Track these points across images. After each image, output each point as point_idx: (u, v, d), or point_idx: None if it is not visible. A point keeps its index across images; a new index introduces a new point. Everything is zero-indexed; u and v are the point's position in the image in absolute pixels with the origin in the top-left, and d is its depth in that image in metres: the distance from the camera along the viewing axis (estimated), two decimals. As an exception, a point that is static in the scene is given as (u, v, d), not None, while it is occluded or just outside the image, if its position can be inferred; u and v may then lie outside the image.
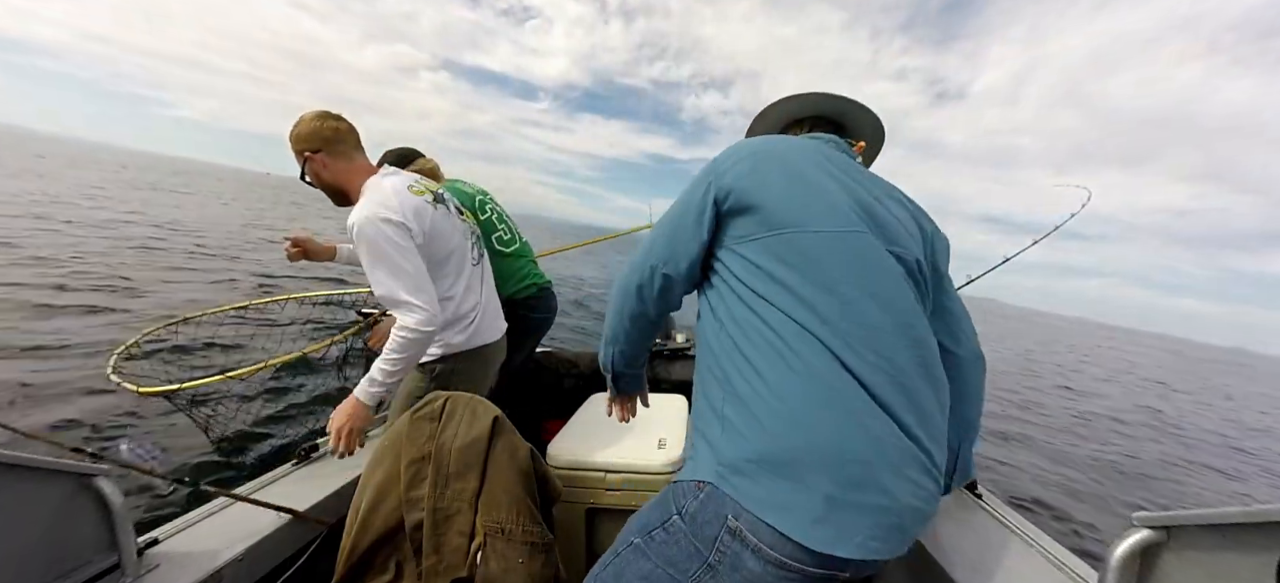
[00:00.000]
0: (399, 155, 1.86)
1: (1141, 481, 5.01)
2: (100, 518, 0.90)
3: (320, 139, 1.32)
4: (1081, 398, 9.39)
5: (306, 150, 1.34)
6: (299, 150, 1.35)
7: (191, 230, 10.79)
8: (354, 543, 1.02)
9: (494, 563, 0.96)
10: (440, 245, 1.37)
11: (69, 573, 0.86)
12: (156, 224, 10.91)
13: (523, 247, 2.06)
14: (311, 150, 1.33)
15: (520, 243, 2.05)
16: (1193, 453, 6.76)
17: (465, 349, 1.48)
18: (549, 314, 2.08)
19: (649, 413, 1.76)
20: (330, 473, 1.43)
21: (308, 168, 1.36)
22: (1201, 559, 0.71)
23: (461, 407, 1.12)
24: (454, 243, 1.42)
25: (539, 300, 2.02)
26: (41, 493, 0.81)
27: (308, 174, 1.36)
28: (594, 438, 1.52)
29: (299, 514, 1.20)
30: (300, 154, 1.35)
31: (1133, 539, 0.76)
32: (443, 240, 1.38)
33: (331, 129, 1.33)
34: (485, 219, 1.93)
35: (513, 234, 2.02)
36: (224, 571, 1.02)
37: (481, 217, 1.92)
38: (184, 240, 9.36)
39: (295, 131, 1.34)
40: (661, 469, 1.36)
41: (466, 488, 1.02)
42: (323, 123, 1.33)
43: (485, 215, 1.94)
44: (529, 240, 2.15)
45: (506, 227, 2.01)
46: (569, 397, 2.09)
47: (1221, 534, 0.68)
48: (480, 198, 1.95)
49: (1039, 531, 1.18)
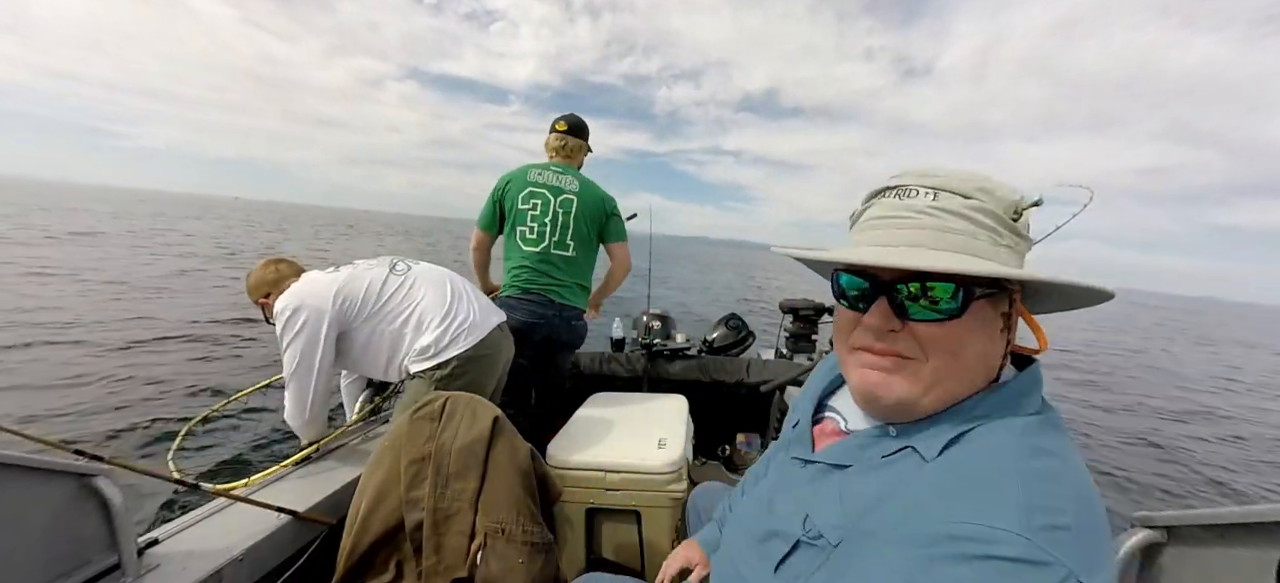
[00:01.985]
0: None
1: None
2: (100, 518, 0.91)
3: (268, 285, 1.57)
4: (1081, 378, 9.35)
5: (258, 298, 1.59)
6: (254, 299, 1.60)
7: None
8: (354, 543, 1.02)
9: (494, 563, 0.96)
10: (356, 286, 1.52)
11: (70, 573, 0.86)
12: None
13: (544, 252, 1.93)
14: (263, 296, 1.58)
15: (544, 244, 1.93)
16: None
17: (458, 353, 1.50)
18: (531, 320, 1.91)
19: (649, 413, 1.76)
20: (330, 473, 1.43)
21: (265, 312, 1.57)
22: (1201, 559, 0.71)
23: (461, 407, 1.12)
24: (368, 281, 1.53)
25: (517, 304, 1.91)
26: (42, 493, 0.81)
27: (267, 316, 1.56)
28: (594, 438, 1.51)
29: (299, 514, 1.20)
30: (256, 302, 1.60)
31: (1133, 539, 0.77)
32: (357, 282, 1.52)
33: (273, 273, 1.58)
34: (523, 210, 1.92)
35: (540, 235, 1.93)
36: (224, 571, 1.02)
37: (521, 206, 1.92)
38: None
39: (248, 284, 1.60)
40: (661, 469, 1.36)
41: (466, 488, 1.02)
42: (266, 269, 1.60)
43: (526, 206, 1.92)
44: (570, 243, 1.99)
45: (537, 225, 1.93)
46: (569, 397, 2.09)
47: (1221, 534, 0.68)
48: (535, 191, 1.93)
49: None
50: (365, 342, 1.52)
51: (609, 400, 1.85)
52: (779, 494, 0.62)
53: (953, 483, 0.44)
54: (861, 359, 0.53)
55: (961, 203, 0.49)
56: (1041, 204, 0.50)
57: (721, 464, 2.39)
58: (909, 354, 0.50)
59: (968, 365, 0.50)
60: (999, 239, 0.49)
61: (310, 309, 1.43)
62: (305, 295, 1.45)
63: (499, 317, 1.68)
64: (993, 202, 0.49)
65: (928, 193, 0.50)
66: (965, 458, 0.46)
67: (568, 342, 2.07)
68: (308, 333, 1.42)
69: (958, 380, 0.50)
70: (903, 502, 0.46)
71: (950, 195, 0.49)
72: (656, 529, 1.39)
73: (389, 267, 1.60)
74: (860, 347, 0.53)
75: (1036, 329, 0.55)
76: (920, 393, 0.50)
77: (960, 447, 0.47)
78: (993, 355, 0.51)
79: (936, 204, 0.49)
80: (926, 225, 0.50)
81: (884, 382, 0.51)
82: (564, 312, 1.97)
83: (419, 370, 1.50)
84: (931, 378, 0.49)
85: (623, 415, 1.70)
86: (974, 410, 0.49)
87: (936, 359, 0.49)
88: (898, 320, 0.50)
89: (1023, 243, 0.52)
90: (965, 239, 0.49)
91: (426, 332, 1.50)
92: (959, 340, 0.49)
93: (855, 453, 0.55)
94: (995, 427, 0.48)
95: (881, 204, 0.53)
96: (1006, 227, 0.50)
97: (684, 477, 1.40)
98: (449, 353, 1.49)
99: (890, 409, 0.52)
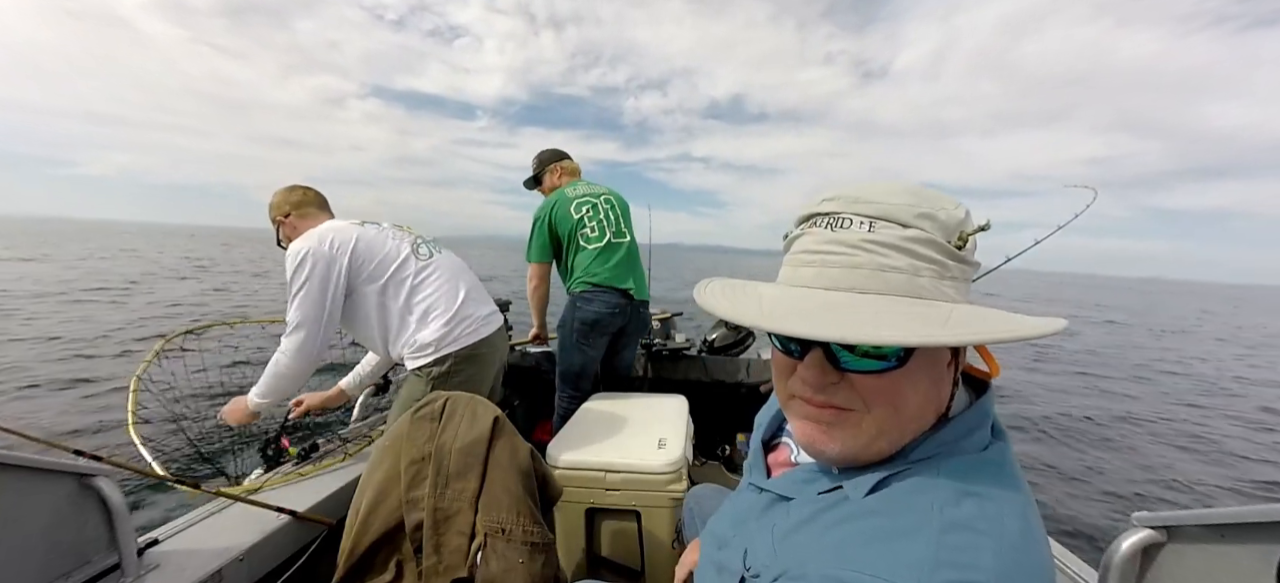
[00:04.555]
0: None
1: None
2: (100, 518, 0.91)
3: (290, 205, 1.56)
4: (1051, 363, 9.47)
5: (278, 217, 1.58)
6: (273, 219, 1.59)
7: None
8: (354, 543, 1.02)
9: (494, 563, 0.96)
10: (375, 250, 1.49)
11: (69, 573, 0.86)
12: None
13: (608, 245, 2.12)
14: (282, 216, 1.56)
15: (606, 240, 2.12)
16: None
17: (455, 350, 1.50)
18: (608, 312, 2.08)
19: (649, 413, 1.76)
20: (330, 473, 1.43)
21: (281, 232, 1.58)
22: (1201, 559, 0.71)
23: (462, 407, 1.12)
24: (387, 246, 1.52)
25: (593, 296, 2.07)
26: (42, 493, 0.81)
27: (282, 238, 1.56)
28: (594, 438, 1.51)
29: (299, 514, 1.20)
30: (274, 222, 1.59)
31: (1133, 539, 0.77)
32: (377, 245, 1.50)
33: (299, 195, 1.59)
34: (578, 218, 2.12)
35: (600, 230, 2.13)
36: (224, 571, 1.02)
37: (576, 215, 2.12)
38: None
39: (270, 204, 1.59)
40: (662, 469, 1.36)
41: (467, 488, 1.02)
42: (290, 192, 1.59)
43: (578, 214, 2.12)
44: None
45: (595, 224, 2.13)
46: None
47: (1221, 534, 0.68)
48: (581, 200, 2.15)
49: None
50: (366, 309, 1.50)
51: (609, 400, 1.85)
52: (732, 523, 0.61)
53: (870, 529, 0.42)
54: (800, 409, 0.49)
55: (900, 234, 0.43)
56: (989, 228, 0.46)
57: (721, 464, 2.39)
58: (849, 406, 0.46)
59: (912, 415, 0.46)
60: (944, 271, 0.44)
61: (324, 258, 1.39)
62: (322, 242, 1.41)
63: (499, 319, 1.69)
64: (935, 228, 0.44)
65: (862, 223, 0.44)
66: (887, 505, 0.43)
67: (638, 332, 2.31)
68: (318, 279, 1.38)
69: (901, 430, 0.46)
70: (823, 544, 0.45)
71: (887, 225, 0.44)
72: (657, 529, 1.39)
73: (412, 246, 1.57)
74: (798, 396, 0.49)
75: (987, 357, 0.52)
76: (863, 446, 0.46)
77: (889, 490, 0.45)
78: (941, 396, 0.48)
79: (873, 237, 0.44)
80: (862, 264, 0.44)
81: (824, 436, 0.48)
82: (635, 302, 2.16)
83: (416, 366, 1.50)
84: (874, 430, 0.46)
85: (623, 415, 1.70)
86: (914, 454, 0.46)
87: (878, 410, 0.45)
88: (835, 372, 0.46)
89: (970, 269, 0.47)
90: (906, 278, 0.43)
91: (428, 327, 1.49)
92: (901, 390, 0.45)
93: (799, 486, 0.53)
94: (930, 467, 0.45)
95: (813, 235, 0.48)
96: (951, 256, 0.44)
97: (684, 477, 1.40)
98: (447, 350, 1.49)
99: (834, 461, 0.49)
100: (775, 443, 0.66)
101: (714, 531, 0.65)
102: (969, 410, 0.49)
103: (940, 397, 0.48)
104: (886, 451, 0.47)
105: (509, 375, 2.53)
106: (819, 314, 0.42)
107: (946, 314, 0.42)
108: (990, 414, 0.50)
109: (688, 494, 1.15)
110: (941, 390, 0.48)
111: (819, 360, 0.46)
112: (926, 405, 0.47)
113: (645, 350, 2.58)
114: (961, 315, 0.42)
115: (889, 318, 0.41)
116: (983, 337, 0.39)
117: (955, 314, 0.42)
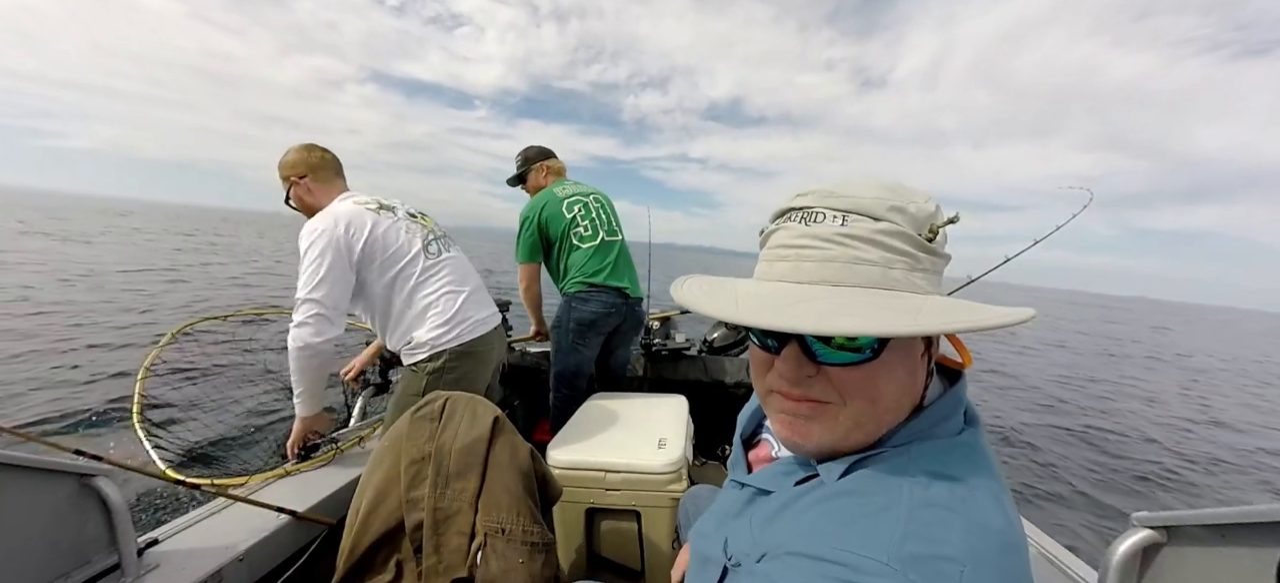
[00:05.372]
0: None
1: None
2: (100, 518, 0.91)
3: (306, 166, 1.48)
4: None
5: (293, 176, 1.50)
6: (285, 177, 1.51)
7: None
8: (354, 543, 1.02)
9: (494, 563, 0.96)
10: (387, 239, 1.47)
11: (69, 573, 0.86)
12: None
13: (602, 244, 2.12)
14: (298, 176, 1.49)
15: (600, 239, 2.12)
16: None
17: (454, 347, 1.51)
18: (605, 311, 2.08)
19: (649, 413, 1.76)
20: (330, 473, 1.43)
21: (292, 192, 1.51)
22: (1201, 559, 0.71)
23: (462, 407, 1.12)
24: (399, 240, 1.50)
25: (589, 296, 2.07)
26: (42, 493, 0.81)
27: (292, 198, 1.51)
28: (594, 438, 1.51)
29: (299, 514, 1.20)
30: (287, 180, 1.51)
31: (1133, 539, 0.77)
32: (390, 235, 1.48)
33: (318, 157, 1.51)
34: (571, 218, 2.12)
35: (594, 229, 2.14)
36: (224, 571, 1.02)
37: (567, 214, 2.11)
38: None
39: (283, 160, 1.51)
40: (662, 469, 1.36)
41: (467, 488, 1.02)
42: (309, 152, 1.50)
43: (570, 214, 2.12)
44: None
45: (588, 223, 2.13)
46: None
47: (1221, 534, 0.68)
48: (572, 199, 2.15)
49: (1038, 530, 1.18)
50: (370, 297, 1.49)
51: (609, 400, 1.85)
52: (717, 520, 0.62)
53: (844, 508, 0.43)
54: (778, 404, 0.50)
55: (872, 228, 0.44)
56: (958, 221, 0.47)
57: (721, 464, 2.39)
58: (826, 399, 0.47)
59: (888, 406, 0.47)
60: (915, 263, 0.45)
61: (340, 243, 1.38)
62: (338, 224, 1.39)
63: (496, 319, 1.69)
64: (906, 221, 0.45)
65: (835, 217, 0.45)
66: (861, 486, 0.44)
67: (633, 330, 2.29)
68: (331, 260, 1.37)
69: (878, 422, 0.47)
70: (800, 525, 0.45)
71: (860, 219, 0.45)
72: (656, 529, 1.39)
73: (424, 243, 1.56)
74: (776, 391, 0.50)
75: (960, 347, 0.53)
76: (840, 438, 0.47)
77: (863, 472, 0.45)
78: (915, 386, 0.49)
79: (845, 231, 0.45)
80: (835, 258, 0.45)
81: (802, 430, 0.48)
82: (630, 300, 2.17)
83: (412, 362, 1.50)
84: (851, 423, 0.47)
85: (623, 416, 1.70)
86: (890, 442, 0.47)
87: (855, 403, 0.46)
88: (812, 365, 0.46)
89: (941, 261, 0.48)
90: (880, 270, 0.44)
91: (427, 325, 1.50)
92: (877, 382, 0.45)
93: (779, 479, 0.54)
94: (903, 452, 0.46)
95: (787, 230, 0.49)
96: (923, 248, 0.45)
97: (684, 477, 1.40)
98: (443, 347, 1.50)
99: (812, 454, 0.50)
100: (756, 440, 0.67)
101: (700, 528, 0.66)
102: (942, 398, 0.50)
103: (915, 388, 0.49)
104: (863, 442, 0.48)
105: (508, 375, 2.53)
106: (793, 307, 0.43)
107: (918, 305, 0.42)
108: (963, 401, 0.51)
109: (685, 495, 1.15)
110: (916, 381, 0.49)
111: (795, 354, 0.47)
112: (902, 397, 0.48)
113: (645, 350, 2.58)
114: (933, 306, 0.43)
115: (862, 309, 0.42)
116: (952, 325, 0.40)
117: (927, 305, 0.43)
